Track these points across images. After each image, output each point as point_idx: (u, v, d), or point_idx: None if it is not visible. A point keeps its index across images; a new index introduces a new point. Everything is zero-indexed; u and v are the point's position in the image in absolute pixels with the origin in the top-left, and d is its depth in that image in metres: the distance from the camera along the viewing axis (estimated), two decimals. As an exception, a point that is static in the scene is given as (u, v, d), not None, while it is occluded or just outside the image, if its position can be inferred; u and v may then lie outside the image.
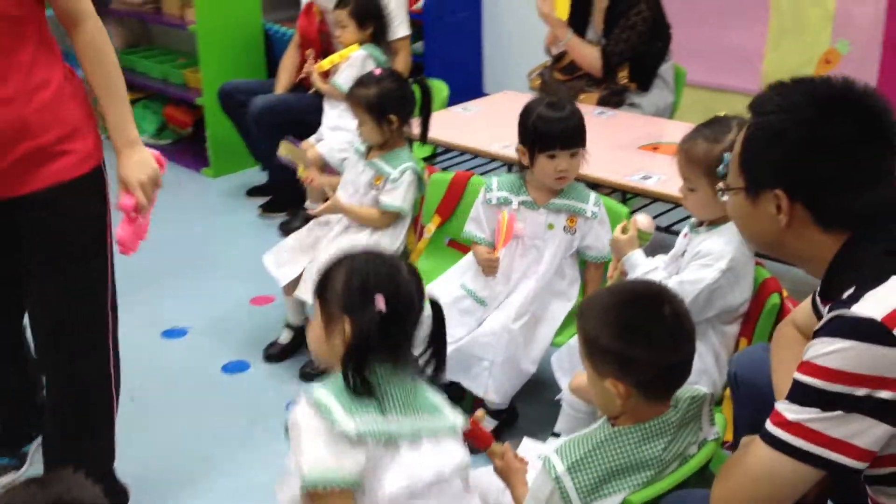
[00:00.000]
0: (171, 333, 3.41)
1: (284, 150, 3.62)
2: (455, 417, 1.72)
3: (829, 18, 4.24)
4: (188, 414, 2.95)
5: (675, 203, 2.93)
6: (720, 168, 2.18)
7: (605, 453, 1.66)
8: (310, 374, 3.11)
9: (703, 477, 1.78)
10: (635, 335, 1.63)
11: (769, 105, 1.56)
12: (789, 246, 1.59)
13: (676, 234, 3.17)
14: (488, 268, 2.68)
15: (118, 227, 2.15)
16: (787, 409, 1.48)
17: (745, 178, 1.59)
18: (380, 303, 1.61)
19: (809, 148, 1.50)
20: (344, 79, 4.03)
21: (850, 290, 1.46)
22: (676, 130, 3.59)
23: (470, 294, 2.73)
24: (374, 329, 1.61)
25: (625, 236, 2.41)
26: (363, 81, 3.11)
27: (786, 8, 4.37)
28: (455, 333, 2.61)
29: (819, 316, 1.80)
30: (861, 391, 1.40)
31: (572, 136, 2.61)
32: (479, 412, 1.93)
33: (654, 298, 1.67)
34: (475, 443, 1.83)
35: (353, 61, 4.02)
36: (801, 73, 4.35)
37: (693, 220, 2.43)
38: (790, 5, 4.36)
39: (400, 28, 4.23)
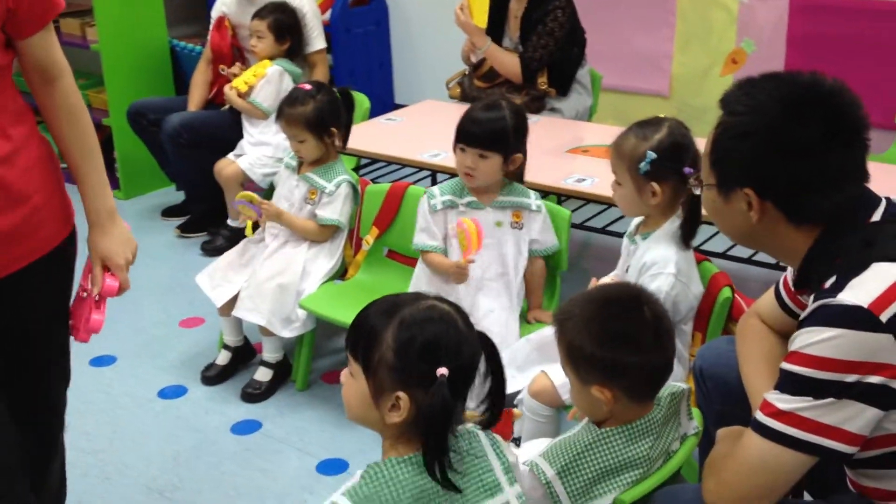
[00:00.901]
0: (99, 361, 3.28)
1: (241, 207, 3.32)
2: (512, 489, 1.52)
3: (733, 20, 4.38)
4: (129, 442, 2.85)
5: (610, 203, 2.98)
6: (642, 165, 2.23)
7: (594, 456, 1.66)
8: (252, 394, 3.04)
9: (680, 471, 1.82)
10: (621, 342, 1.64)
11: (737, 105, 1.59)
12: (763, 240, 1.64)
13: (612, 234, 3.25)
14: (459, 276, 2.66)
15: (93, 313, 1.82)
16: (778, 399, 1.50)
17: (715, 175, 1.62)
18: (444, 372, 1.39)
19: (776, 150, 1.53)
20: (263, 97, 3.99)
21: (832, 280, 1.50)
22: (598, 133, 3.69)
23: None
24: (447, 403, 1.38)
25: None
26: (296, 99, 3.05)
27: (691, 12, 4.50)
28: None
29: (784, 306, 1.86)
30: (851, 377, 1.44)
31: (479, 137, 2.61)
32: (516, 411, 1.88)
33: (632, 302, 1.69)
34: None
35: (269, 78, 3.98)
36: (708, 74, 4.51)
37: (630, 229, 2.47)
38: (694, 9, 4.49)
39: (317, 41, 4.21)
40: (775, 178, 1.55)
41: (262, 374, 3.08)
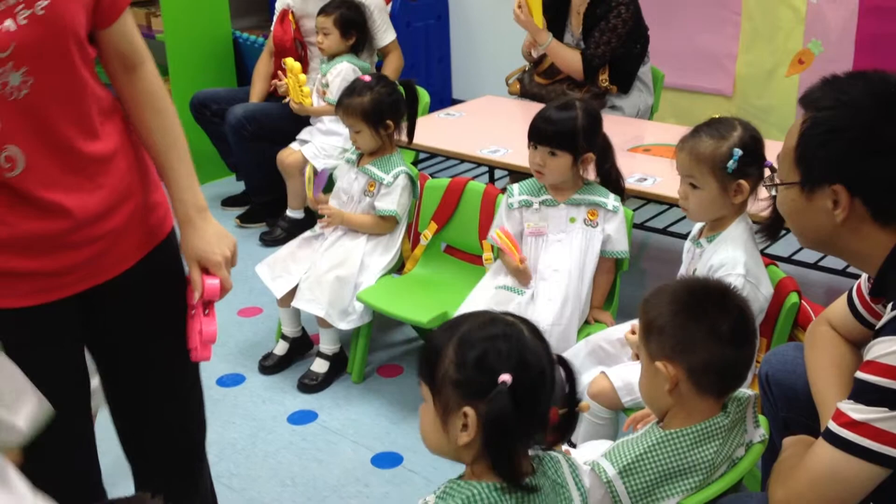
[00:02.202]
0: (159, 349, 3.32)
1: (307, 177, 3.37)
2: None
3: (801, 20, 4.30)
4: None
5: (672, 204, 2.95)
6: (730, 163, 2.21)
7: (657, 457, 1.64)
8: (308, 385, 3.06)
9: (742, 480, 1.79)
10: (697, 316, 1.62)
11: (826, 100, 1.55)
12: (842, 242, 1.59)
13: (673, 235, 3.21)
14: (522, 277, 2.70)
15: (204, 325, 1.66)
16: (853, 409, 1.47)
17: (801, 172, 1.58)
18: (505, 379, 1.34)
19: (870, 146, 1.50)
20: (338, 93, 3.98)
21: (912, 288, 1.47)
22: (659, 132, 3.65)
23: (506, 289, 2.73)
24: (509, 409, 1.33)
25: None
26: (355, 89, 3.08)
27: (757, 11, 4.43)
28: None
29: (856, 315, 1.81)
30: (929, 389, 1.40)
31: (548, 135, 2.63)
32: (584, 403, 1.86)
33: (722, 294, 1.67)
34: None
35: (344, 75, 3.95)
36: (774, 74, 4.44)
37: (693, 232, 2.44)
38: (761, 8, 4.41)
39: (388, 34, 4.23)
40: (867, 175, 1.52)
41: (319, 366, 3.10)
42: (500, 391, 1.33)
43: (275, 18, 4.35)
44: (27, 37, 1.40)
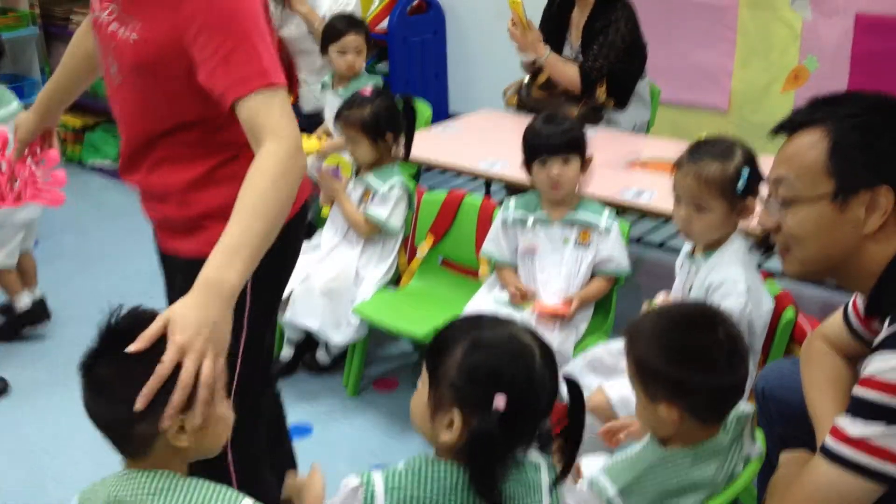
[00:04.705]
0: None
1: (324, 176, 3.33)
2: None
3: (797, 36, 4.31)
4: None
5: (668, 218, 2.95)
6: (739, 184, 2.19)
7: (658, 476, 1.63)
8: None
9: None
10: (691, 358, 1.60)
11: (845, 109, 1.55)
12: (856, 258, 1.56)
13: (670, 250, 3.21)
14: (518, 300, 2.72)
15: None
16: (850, 425, 1.47)
17: (836, 182, 1.54)
18: (500, 402, 1.33)
19: None
20: None
21: (909, 304, 1.47)
22: (656, 146, 3.66)
23: (504, 304, 2.74)
24: (492, 432, 1.32)
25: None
26: (355, 102, 3.09)
27: (752, 27, 4.45)
28: None
29: (852, 330, 1.81)
30: (927, 405, 1.40)
31: (560, 142, 2.65)
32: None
33: (707, 321, 1.65)
34: None
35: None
36: (770, 90, 4.44)
37: (686, 248, 2.43)
38: (756, 25, 4.43)
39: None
40: None
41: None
42: (492, 414, 1.32)
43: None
44: None
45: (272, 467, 2.04)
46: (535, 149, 2.66)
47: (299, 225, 1.93)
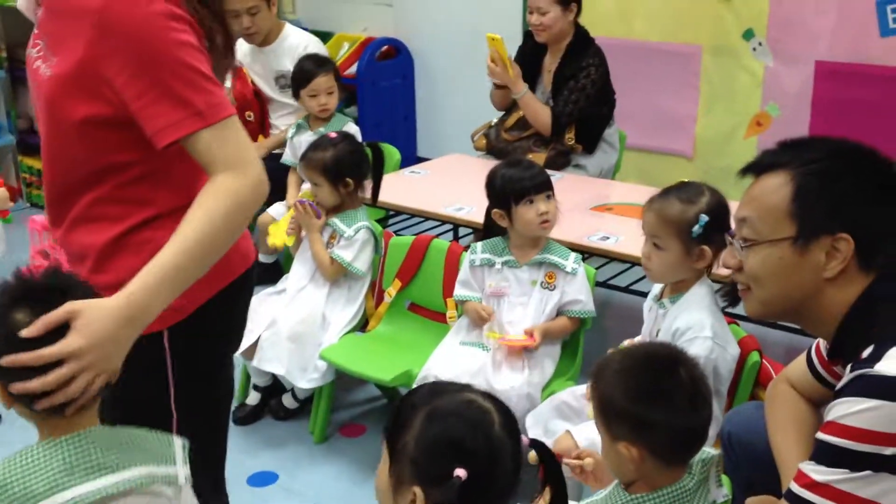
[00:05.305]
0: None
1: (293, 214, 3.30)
2: None
3: (759, 83, 4.40)
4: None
5: (634, 262, 2.97)
6: (695, 228, 2.22)
7: (624, 522, 1.63)
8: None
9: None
10: (652, 397, 1.60)
11: (809, 153, 1.58)
12: (814, 302, 1.59)
13: (636, 293, 3.22)
14: (478, 319, 2.74)
15: None
16: (814, 471, 1.47)
17: (797, 225, 1.56)
18: (460, 474, 1.31)
19: (868, 191, 1.54)
20: None
21: (870, 350, 1.48)
22: (622, 191, 3.69)
23: (470, 345, 2.75)
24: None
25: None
26: (319, 145, 3.11)
27: (716, 74, 4.53)
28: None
29: (816, 375, 1.83)
30: (889, 450, 1.41)
31: (542, 180, 2.72)
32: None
33: (670, 361, 1.66)
34: None
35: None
36: (733, 136, 4.51)
37: (654, 291, 2.45)
38: (720, 72, 4.52)
39: None
40: (868, 220, 1.54)
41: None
42: (452, 485, 1.31)
43: (228, 78, 4.35)
44: None
45: None
46: (521, 191, 2.68)
47: (243, 291, 1.81)
